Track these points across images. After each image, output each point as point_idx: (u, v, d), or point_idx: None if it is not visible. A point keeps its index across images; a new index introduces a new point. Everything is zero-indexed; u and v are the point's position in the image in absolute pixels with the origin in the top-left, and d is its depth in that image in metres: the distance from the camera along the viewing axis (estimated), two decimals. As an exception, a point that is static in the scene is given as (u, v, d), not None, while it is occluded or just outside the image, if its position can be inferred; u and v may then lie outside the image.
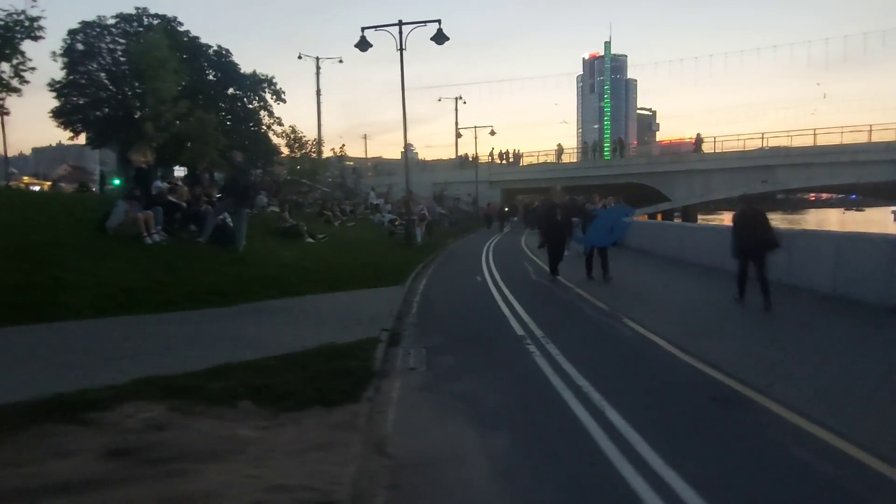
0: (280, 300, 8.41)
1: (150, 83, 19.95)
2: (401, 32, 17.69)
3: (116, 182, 25.93)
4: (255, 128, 39.14)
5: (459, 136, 44.45)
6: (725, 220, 74.31)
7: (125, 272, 8.18)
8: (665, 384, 5.02)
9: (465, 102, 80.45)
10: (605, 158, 45.32)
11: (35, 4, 14.57)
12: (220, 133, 35.25)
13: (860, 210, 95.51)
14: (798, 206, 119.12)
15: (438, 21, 17.57)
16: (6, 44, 14.19)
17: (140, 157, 12.77)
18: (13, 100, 16.01)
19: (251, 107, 39.53)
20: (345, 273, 11.18)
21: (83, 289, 7.25)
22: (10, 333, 5.86)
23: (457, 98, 50.45)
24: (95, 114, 35.88)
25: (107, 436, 3.65)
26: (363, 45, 17.81)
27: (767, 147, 37.05)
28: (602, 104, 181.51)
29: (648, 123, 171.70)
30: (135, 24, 36.17)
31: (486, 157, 48.98)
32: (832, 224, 68.24)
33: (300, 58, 56.17)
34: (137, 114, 27.51)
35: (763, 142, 37.00)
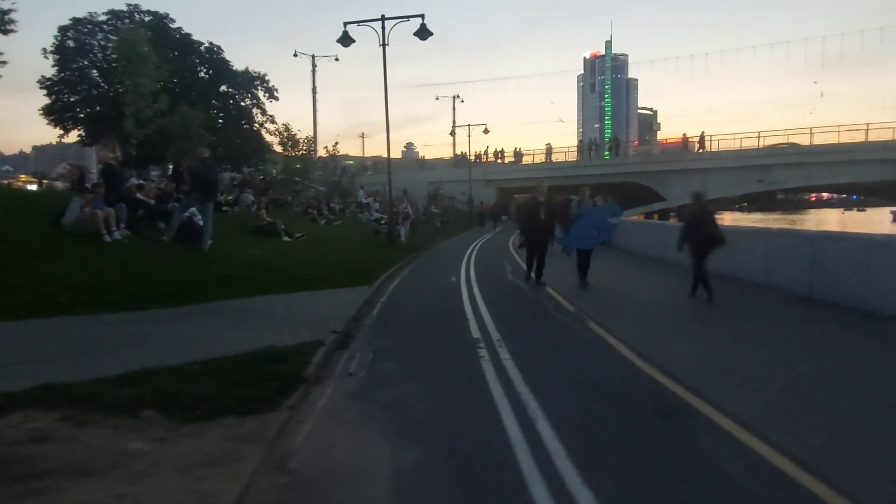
0: (235, 301, 8.12)
1: (130, 78, 19.64)
2: (383, 28, 17.37)
3: None
4: (248, 125, 38.87)
5: (453, 135, 44.06)
6: (725, 221, 74.05)
7: (73, 271, 7.89)
8: (611, 393, 4.70)
9: (463, 101, 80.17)
10: (606, 157, 45.01)
11: None
12: (212, 130, 35.18)
13: (861, 210, 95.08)
14: (799, 207, 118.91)
15: (422, 16, 17.28)
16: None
17: (108, 153, 12.50)
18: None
19: (243, 104, 39.31)
20: (313, 273, 10.88)
21: (22, 288, 6.97)
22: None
23: (454, 97, 50.11)
24: (87, 111, 35.71)
25: (-23, 449, 3.36)
26: (345, 41, 17.51)
27: (764, 146, 36.63)
28: (603, 103, 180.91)
29: (650, 123, 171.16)
30: (126, 21, 35.88)
31: (490, 157, 48.51)
32: (831, 224, 67.88)
33: (296, 56, 55.99)
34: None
35: (760, 141, 36.59)
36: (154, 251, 9.91)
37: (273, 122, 39.99)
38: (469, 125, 42.22)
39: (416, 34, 17.32)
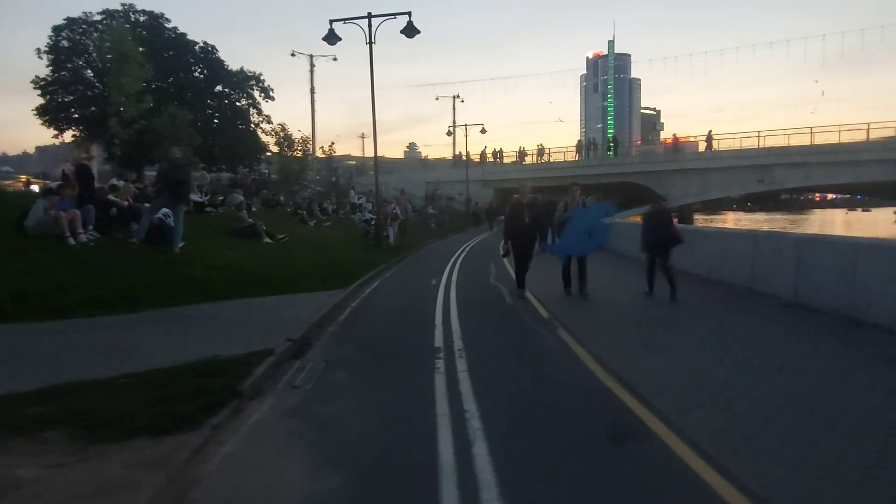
0: (196, 306, 7.82)
1: (114, 77, 19.41)
2: (370, 25, 17.07)
3: None
4: (243, 125, 38.65)
5: (449, 135, 43.70)
6: (728, 222, 73.20)
7: (27, 275, 7.60)
8: (563, 412, 4.36)
9: (463, 101, 80.00)
10: (609, 156, 44.59)
11: None
12: (207, 130, 34.97)
13: (867, 210, 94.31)
14: (803, 207, 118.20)
15: (408, 13, 16.97)
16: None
17: (81, 154, 12.23)
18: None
19: (239, 104, 39.07)
20: (287, 276, 10.57)
21: (-33, 293, 6.68)
22: None
23: (454, 97, 49.79)
24: (82, 111, 35.51)
25: None
26: (331, 39, 17.21)
27: (764, 146, 36.17)
28: (605, 103, 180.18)
29: (652, 123, 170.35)
30: (121, 20, 35.70)
31: (489, 157, 48.15)
32: (834, 225, 67.25)
33: (293, 55, 55.84)
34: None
35: (760, 141, 36.14)
36: (120, 254, 9.61)
37: (269, 122, 39.80)
38: (466, 125, 41.75)
39: (403, 32, 17.01)
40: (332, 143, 49.17)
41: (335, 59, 52.62)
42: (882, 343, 5.96)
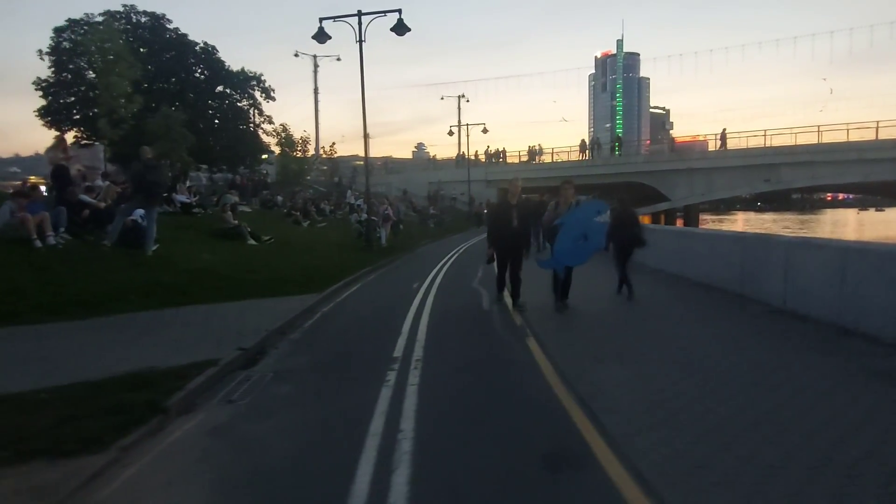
0: (153, 312, 7.52)
1: (103, 77, 19.22)
2: (360, 23, 16.75)
3: None
4: (244, 126, 38.49)
5: (451, 134, 43.37)
6: (739, 223, 72.12)
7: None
8: (507, 433, 4.00)
9: (469, 101, 79.59)
10: (617, 154, 44.06)
11: None
12: (208, 131, 34.86)
13: (880, 210, 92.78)
14: (814, 206, 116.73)
15: (399, 11, 16.61)
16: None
17: (58, 154, 12.01)
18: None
19: (240, 105, 38.94)
20: (262, 279, 10.28)
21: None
22: None
23: (459, 96, 49.43)
24: (84, 112, 35.51)
25: None
26: (321, 37, 16.92)
27: (771, 145, 35.49)
28: (614, 102, 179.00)
29: (662, 122, 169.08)
30: (122, 21, 35.70)
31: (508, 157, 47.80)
32: (846, 225, 66.10)
33: (297, 55, 55.68)
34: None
35: (766, 140, 35.46)
36: (88, 257, 9.36)
37: (270, 123, 39.64)
38: (468, 125, 41.42)
39: (393, 29, 16.67)
40: (333, 144, 48.94)
41: (338, 59, 52.53)
42: (868, 354, 5.54)
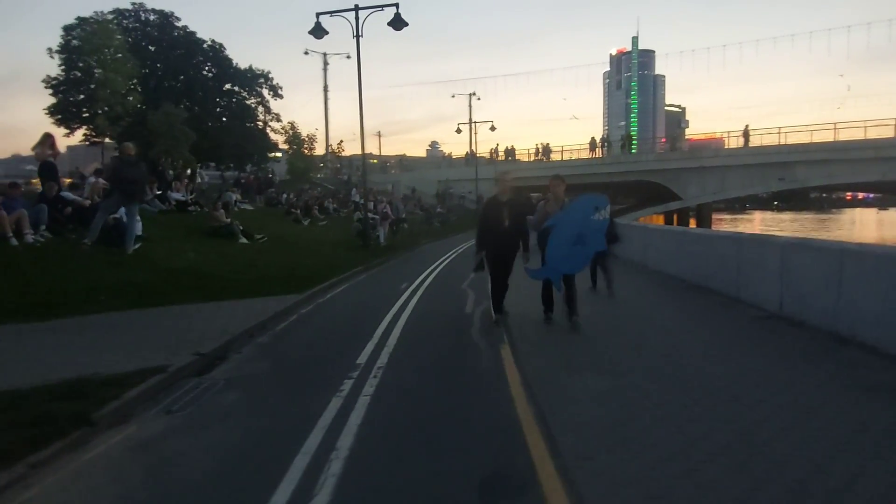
0: (120, 313, 7.29)
1: (101, 74, 19.16)
2: (357, 18, 16.47)
3: None
4: (251, 124, 38.47)
5: (459, 132, 42.99)
6: (755, 223, 70.68)
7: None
8: (450, 454, 3.66)
9: (480, 99, 78.81)
10: (631, 153, 43.43)
11: None
12: (216, 129, 34.86)
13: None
14: (833, 206, 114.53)
15: (396, 5, 16.31)
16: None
17: (45, 151, 11.88)
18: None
19: (248, 102, 38.91)
20: (244, 279, 10.03)
21: None
22: None
23: (470, 94, 48.99)
24: (93, 110, 35.71)
25: None
26: (318, 32, 16.66)
27: (786, 143, 34.67)
28: (629, 101, 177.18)
29: (677, 120, 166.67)
30: (131, 19, 35.83)
31: (501, 155, 47.41)
32: (865, 225, 64.62)
33: (307, 53, 55.73)
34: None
35: (781, 137, 34.65)
36: (65, 255, 9.17)
37: (278, 121, 39.59)
38: (475, 122, 41.00)
39: (391, 24, 16.37)
40: (341, 142, 48.87)
41: (348, 57, 52.22)
42: (863, 366, 5.11)
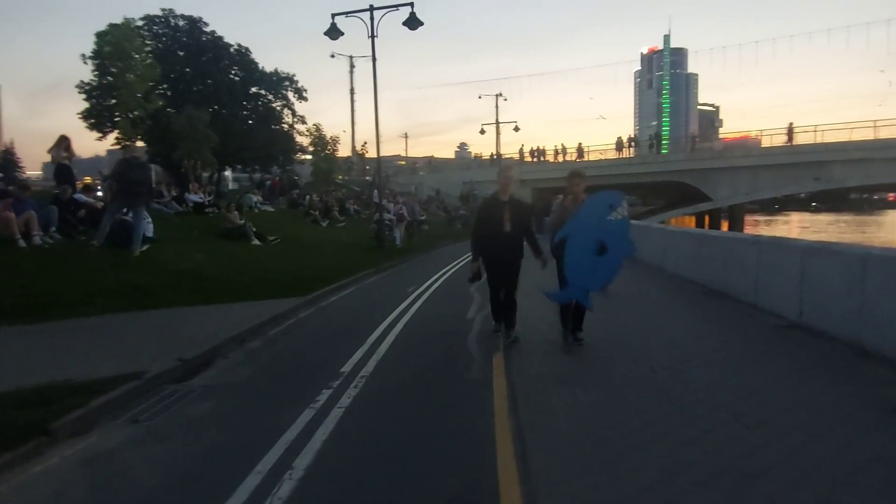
0: (112, 316, 7.20)
1: (122, 76, 19.46)
2: (372, 18, 16.33)
3: None
4: (277, 126, 38.85)
5: (483, 133, 42.56)
6: (793, 228, 67.99)
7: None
8: (412, 474, 3.39)
9: (506, 99, 78.19)
10: (664, 152, 42.46)
11: None
12: (243, 132, 35.28)
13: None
14: (874, 207, 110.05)
15: (411, 4, 16.10)
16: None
17: (60, 153, 12.01)
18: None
19: (273, 105, 39.32)
20: (248, 281, 9.92)
21: None
22: None
23: (497, 95, 48.60)
24: (125, 114, 36.55)
25: None
26: (333, 33, 16.59)
27: (822, 141, 33.35)
28: (660, 100, 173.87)
29: (711, 119, 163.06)
30: (161, 25, 36.54)
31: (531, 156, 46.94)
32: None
33: (333, 56, 55.97)
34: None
35: (817, 136, 33.33)
36: (71, 257, 9.19)
37: (303, 123, 39.89)
38: (499, 123, 40.57)
39: (405, 23, 16.18)
40: (365, 143, 48.90)
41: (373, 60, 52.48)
42: (885, 384, 4.64)
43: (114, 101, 38.21)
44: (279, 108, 40.06)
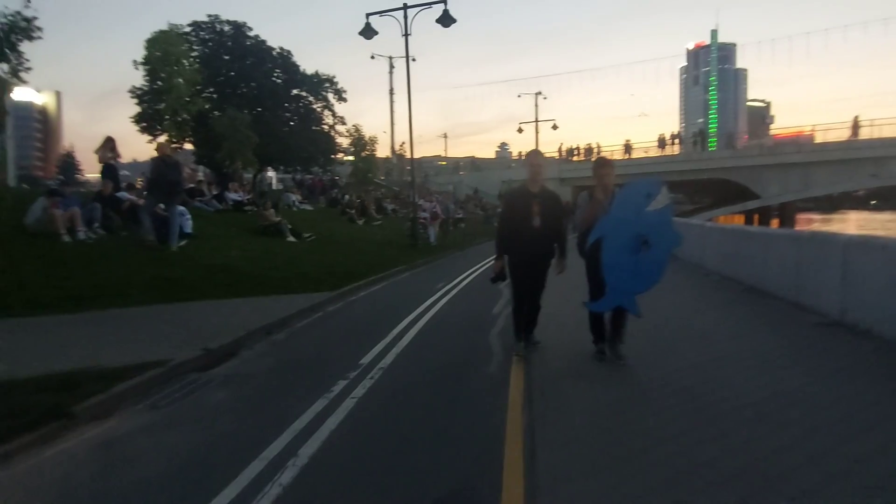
0: (146, 307, 7.41)
1: (168, 80, 20.15)
2: (405, 17, 16.42)
3: None
4: (317, 127, 39.55)
5: (521, 132, 42.18)
6: (849, 227, 64.51)
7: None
8: (416, 466, 3.33)
9: (546, 98, 77.36)
10: (711, 148, 41.26)
11: (29, 5, 14.80)
12: (286, 133, 36.08)
13: None
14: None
15: (444, 1, 16.09)
16: (5, 45, 14.60)
17: (106, 153, 12.50)
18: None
19: (314, 107, 40.03)
20: (281, 276, 10.06)
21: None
22: None
23: (536, 94, 48.11)
24: (173, 118, 37.93)
25: None
26: (367, 33, 16.74)
27: (880, 136, 31.64)
28: (707, 96, 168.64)
29: (761, 115, 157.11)
30: (208, 30, 37.71)
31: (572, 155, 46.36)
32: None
33: (372, 58, 56.61)
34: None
35: (874, 131, 31.65)
36: (112, 251, 9.54)
37: (343, 124, 40.49)
38: (538, 121, 40.16)
39: (439, 21, 16.17)
40: (402, 144, 49.10)
41: (413, 60, 52.67)
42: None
43: (163, 105, 39.71)
44: (319, 110, 40.78)
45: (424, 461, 3.38)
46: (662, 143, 38.66)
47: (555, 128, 40.00)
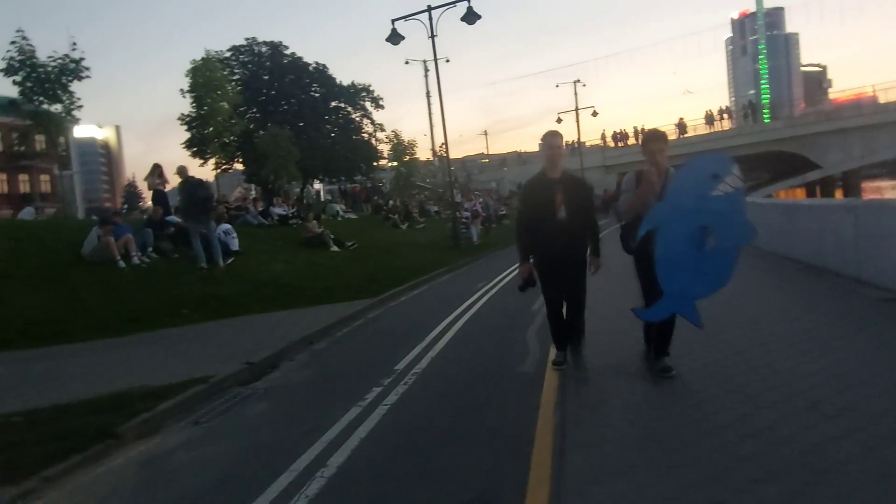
0: (195, 326, 7.71)
1: (211, 104, 20.93)
2: (430, 18, 16.43)
3: None
4: (357, 136, 40.19)
5: (560, 122, 41.37)
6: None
7: (50, 302, 7.97)
8: (445, 470, 3.31)
9: (584, 85, 75.88)
10: (766, 121, 39.46)
11: (76, 47, 15.73)
12: (327, 146, 36.88)
13: None
14: None
15: (468, -1, 16.00)
16: (57, 86, 15.60)
17: (155, 180, 13.04)
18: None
19: (353, 117, 40.70)
20: (322, 287, 10.22)
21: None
22: None
23: (574, 82, 47.19)
24: (221, 141, 39.42)
25: None
26: (394, 38, 16.82)
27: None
28: (757, 66, 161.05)
29: (818, 81, 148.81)
30: (246, 53, 38.97)
31: (600, 140, 45.38)
32: None
33: (407, 63, 57.06)
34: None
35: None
36: (165, 273, 9.94)
37: (382, 130, 40.99)
38: (578, 109, 39.34)
39: (463, 19, 16.08)
40: (442, 144, 49.22)
41: (447, 61, 52.72)
42: None
43: (210, 129, 41.31)
44: (358, 119, 41.42)
45: (451, 466, 3.33)
46: (710, 120, 37.14)
47: (595, 114, 39.02)
